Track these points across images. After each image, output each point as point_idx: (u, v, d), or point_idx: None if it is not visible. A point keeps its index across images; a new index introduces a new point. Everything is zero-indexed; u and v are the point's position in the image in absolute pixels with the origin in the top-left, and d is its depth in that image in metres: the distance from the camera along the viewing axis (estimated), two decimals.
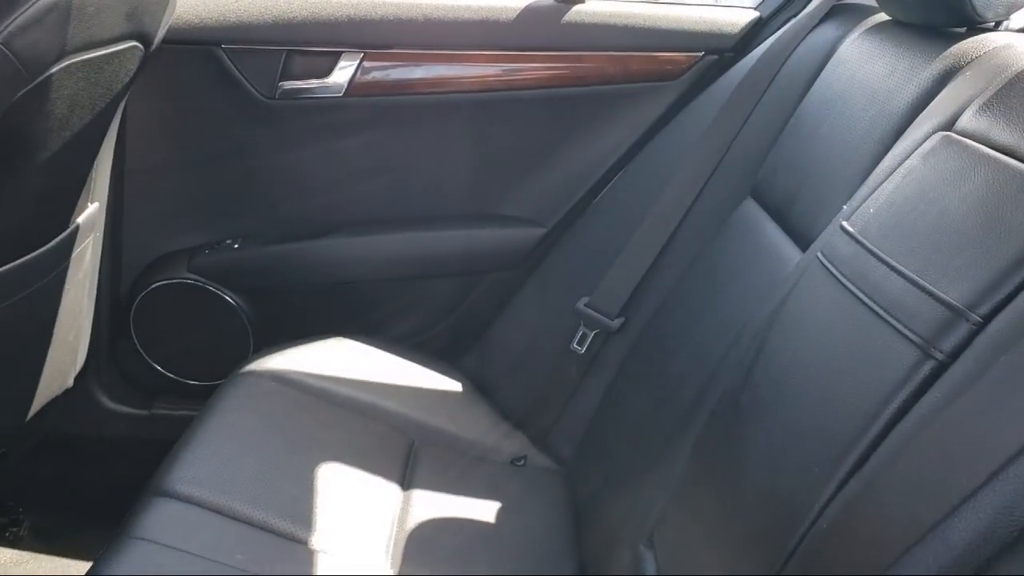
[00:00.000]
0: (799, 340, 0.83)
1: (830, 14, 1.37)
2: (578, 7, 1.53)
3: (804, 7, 1.46)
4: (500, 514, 1.28)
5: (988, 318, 0.64)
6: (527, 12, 1.53)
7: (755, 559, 0.73)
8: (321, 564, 1.04)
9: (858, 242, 0.82)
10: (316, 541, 1.08)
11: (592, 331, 1.44)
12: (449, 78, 1.56)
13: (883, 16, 1.22)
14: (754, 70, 1.39)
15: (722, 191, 1.36)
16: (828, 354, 0.77)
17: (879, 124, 1.01)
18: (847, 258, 0.82)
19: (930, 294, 0.69)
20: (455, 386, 1.52)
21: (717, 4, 1.63)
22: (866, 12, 1.29)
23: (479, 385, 1.55)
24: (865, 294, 0.76)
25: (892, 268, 0.75)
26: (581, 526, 1.26)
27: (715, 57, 1.52)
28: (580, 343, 1.45)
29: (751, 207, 1.26)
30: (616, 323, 1.42)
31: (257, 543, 1.04)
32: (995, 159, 0.74)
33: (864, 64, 1.13)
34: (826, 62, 1.25)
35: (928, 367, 0.66)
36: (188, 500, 1.06)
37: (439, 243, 1.63)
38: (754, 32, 1.51)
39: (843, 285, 0.80)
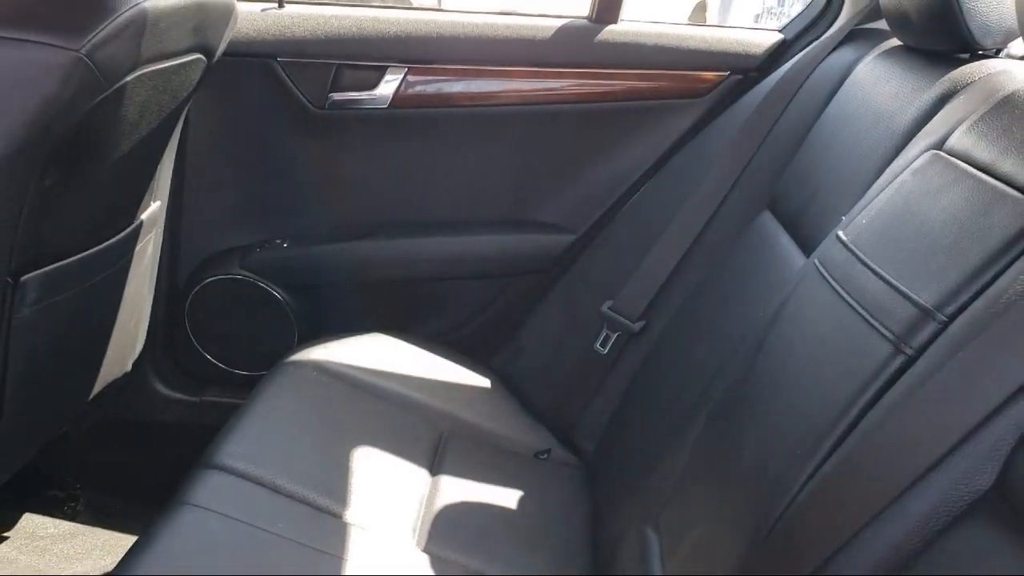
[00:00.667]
0: (793, 337, 0.91)
1: (849, 37, 1.44)
2: (611, 27, 1.62)
3: (826, 31, 1.53)
4: (521, 502, 1.36)
5: (952, 318, 0.72)
6: (563, 31, 1.62)
7: (743, 530, 0.80)
8: (354, 536, 1.13)
9: (849, 249, 0.89)
10: (350, 516, 1.17)
11: (615, 333, 1.52)
12: (488, 92, 1.65)
13: (897, 41, 1.29)
14: (776, 89, 1.46)
15: (741, 203, 1.43)
16: (816, 349, 0.85)
17: (882, 142, 1.08)
18: (839, 264, 0.89)
19: (904, 296, 0.77)
20: (484, 382, 1.61)
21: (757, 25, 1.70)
22: (882, 36, 1.36)
23: (507, 382, 1.64)
24: (850, 295, 0.83)
25: (874, 272, 0.82)
26: (597, 514, 1.33)
27: (740, 77, 1.60)
28: (603, 344, 1.53)
29: (767, 219, 1.33)
30: (637, 326, 1.50)
31: (296, 514, 1.14)
32: (973, 175, 0.81)
33: (874, 86, 1.21)
34: (842, 83, 1.32)
35: (898, 361, 0.74)
36: (235, 473, 1.16)
37: (474, 246, 1.72)
38: (778, 53, 1.58)
39: (832, 288, 0.87)
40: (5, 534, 1.63)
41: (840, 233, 0.94)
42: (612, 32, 1.62)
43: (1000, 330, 0.66)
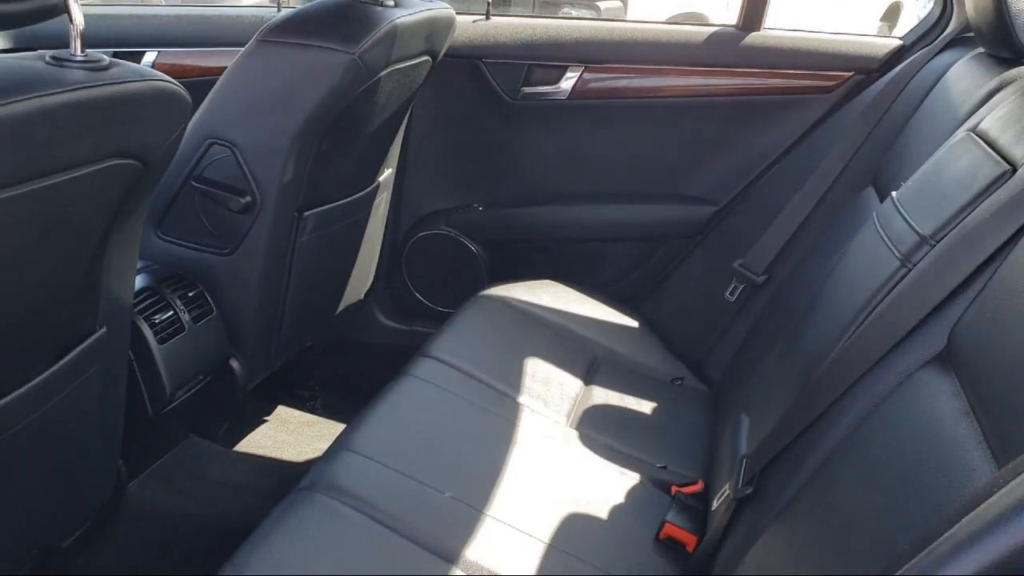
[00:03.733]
0: (846, 268, 1.23)
1: (951, 44, 1.71)
2: (754, 34, 1.95)
3: (937, 38, 1.79)
4: (655, 411, 1.72)
5: (938, 241, 1.03)
6: (714, 37, 1.97)
7: (794, 389, 1.14)
8: (523, 412, 1.54)
9: (894, 204, 1.20)
10: (522, 399, 1.58)
11: (742, 284, 1.86)
12: (650, 87, 2.02)
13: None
14: (887, 87, 1.75)
15: (851, 180, 1.73)
16: (855, 272, 1.17)
17: (946, 128, 1.36)
18: (885, 214, 1.21)
19: (913, 228, 1.08)
20: (633, 323, 1.98)
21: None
22: (976, 43, 1.61)
23: (652, 324, 2.00)
24: (884, 232, 1.15)
25: (901, 215, 1.14)
26: (714, 422, 1.67)
27: (863, 76, 1.88)
28: (732, 294, 1.87)
29: (869, 192, 1.63)
30: (761, 279, 1.83)
31: (483, 393, 1.56)
32: (981, 146, 1.11)
33: (955, 83, 1.49)
34: (937, 82, 1.60)
35: (901, 272, 1.06)
36: (442, 361, 1.60)
37: (633, 214, 2.09)
38: (896, 57, 1.86)
39: (878, 231, 1.19)
40: (265, 418, 2.15)
41: (894, 194, 1.25)
42: (755, 38, 1.95)
43: (961, 247, 0.97)
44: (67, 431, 1.18)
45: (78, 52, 0.96)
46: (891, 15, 7.02)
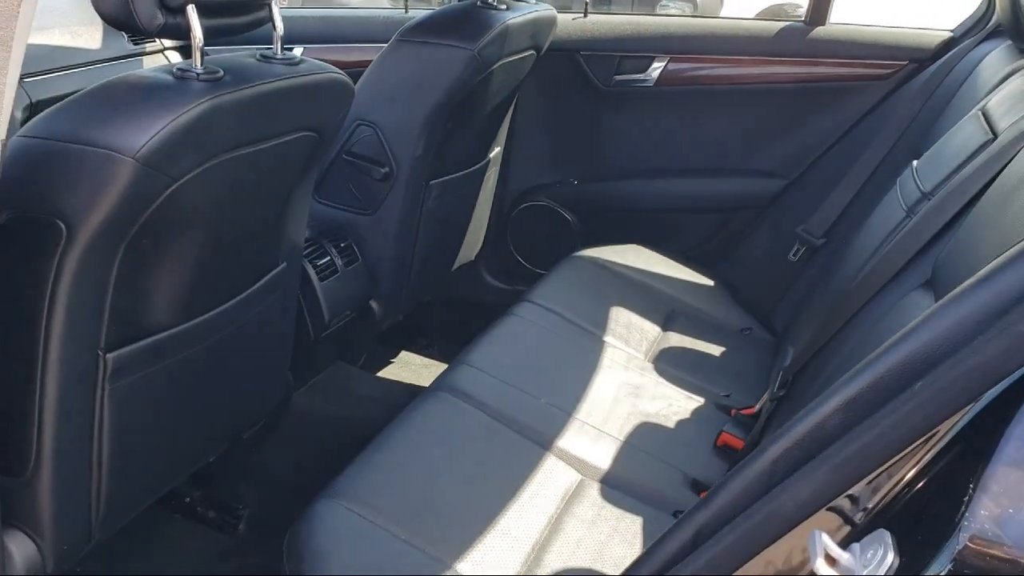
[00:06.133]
0: (871, 221, 1.51)
1: (991, 35, 1.93)
2: (819, 28, 2.20)
3: (981, 30, 2.02)
4: (724, 355, 2.00)
5: (933, 196, 1.30)
6: (783, 30, 2.23)
7: (823, 314, 1.43)
8: (607, 348, 1.85)
9: (912, 170, 1.47)
10: (607, 338, 1.89)
11: (803, 247, 2.13)
12: (727, 75, 2.30)
13: None
14: (934, 75, 1.99)
15: (897, 156, 1.98)
16: (876, 224, 1.45)
17: (969, 109, 1.61)
18: (904, 179, 1.48)
19: (918, 186, 1.35)
20: (708, 282, 2.27)
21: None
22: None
23: (725, 283, 2.28)
24: (900, 191, 1.43)
25: (914, 178, 1.41)
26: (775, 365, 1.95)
27: (915, 65, 2.12)
28: (795, 255, 2.14)
29: (912, 167, 1.88)
30: (820, 242, 2.10)
31: (574, 331, 1.88)
32: (980, 121, 1.37)
33: (985, 70, 1.73)
34: (974, 69, 1.83)
35: (905, 222, 1.33)
36: (539, 304, 1.92)
37: (711, 187, 2.37)
38: (945, 47, 2.09)
39: (896, 192, 1.46)
40: (391, 360, 2.53)
41: (914, 163, 1.52)
42: (821, 31, 2.20)
43: (948, 198, 1.25)
44: (257, 341, 1.55)
45: (279, 51, 1.32)
46: None
